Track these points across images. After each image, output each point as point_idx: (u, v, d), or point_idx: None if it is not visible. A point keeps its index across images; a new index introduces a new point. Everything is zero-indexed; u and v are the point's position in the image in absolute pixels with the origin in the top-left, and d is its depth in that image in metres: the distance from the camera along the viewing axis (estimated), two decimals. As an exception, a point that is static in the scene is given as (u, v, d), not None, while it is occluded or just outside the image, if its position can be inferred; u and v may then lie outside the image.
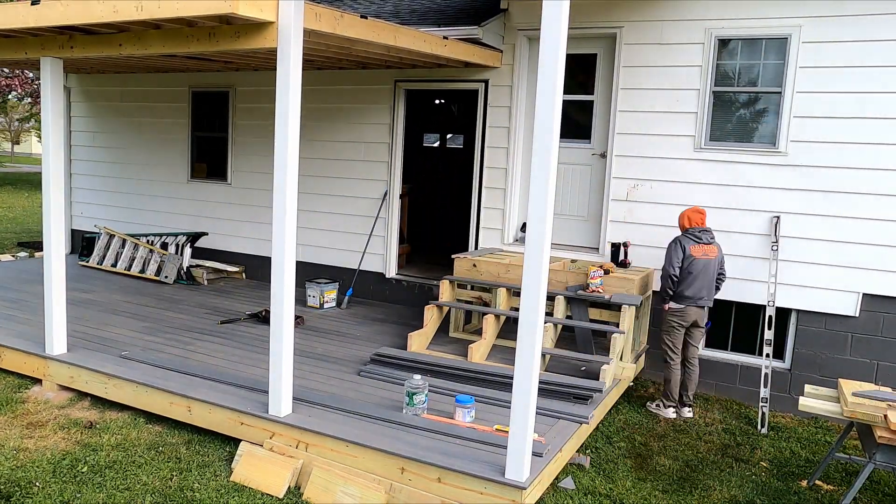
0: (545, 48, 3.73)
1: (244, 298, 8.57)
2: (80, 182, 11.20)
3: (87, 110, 11.01)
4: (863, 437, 4.78)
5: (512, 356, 4.21)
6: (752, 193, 6.61)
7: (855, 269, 6.30)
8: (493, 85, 7.76)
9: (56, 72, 5.68)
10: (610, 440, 5.63)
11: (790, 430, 6.14)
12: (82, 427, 5.28)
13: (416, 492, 4.26)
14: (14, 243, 13.31)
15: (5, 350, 6.20)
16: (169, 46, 5.05)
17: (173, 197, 10.30)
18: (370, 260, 8.73)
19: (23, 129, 42.31)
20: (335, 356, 6.41)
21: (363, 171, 8.70)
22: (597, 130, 7.40)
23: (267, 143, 9.27)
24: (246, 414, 4.93)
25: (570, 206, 7.60)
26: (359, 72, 8.55)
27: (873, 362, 6.34)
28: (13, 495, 4.30)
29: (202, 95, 9.93)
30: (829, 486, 5.06)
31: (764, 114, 6.59)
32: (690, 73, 6.75)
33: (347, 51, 6.47)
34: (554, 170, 3.81)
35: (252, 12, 4.36)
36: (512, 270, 6.70)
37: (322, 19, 5.03)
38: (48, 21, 4.97)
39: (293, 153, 4.61)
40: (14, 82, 23.23)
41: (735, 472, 5.22)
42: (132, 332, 6.81)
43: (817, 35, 6.25)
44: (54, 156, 5.71)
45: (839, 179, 6.29)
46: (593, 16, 7.12)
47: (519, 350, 3.97)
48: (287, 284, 4.72)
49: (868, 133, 6.15)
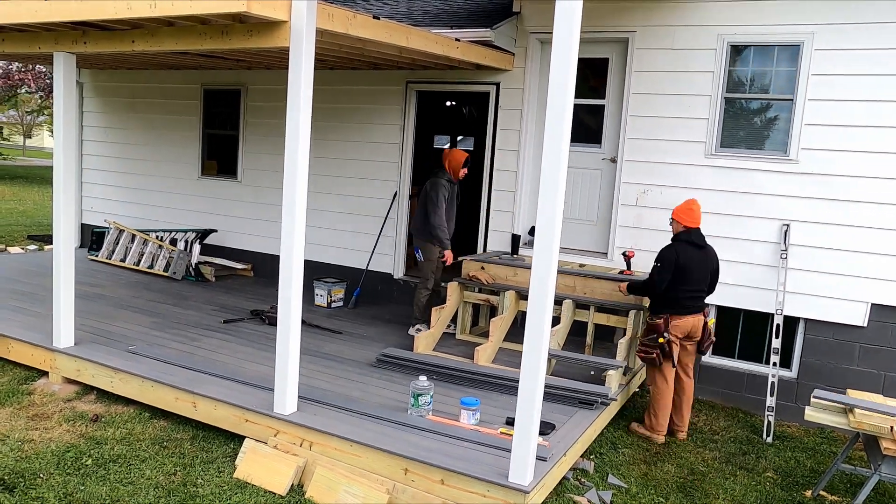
0: (557, 51, 3.72)
1: (252, 296, 8.59)
2: (90, 177, 11.26)
3: (98, 106, 11.06)
4: (868, 448, 4.75)
5: (518, 359, 4.21)
6: (762, 201, 6.58)
7: (864, 279, 6.26)
8: (504, 87, 7.76)
9: (69, 67, 5.71)
10: (615, 446, 5.62)
11: (796, 440, 6.11)
12: (88, 420, 5.30)
13: (418, 493, 4.26)
14: (25, 236, 13.38)
15: (13, 342, 6.23)
16: (182, 44, 5.07)
17: (183, 193, 10.33)
18: (379, 260, 8.74)
19: (35, 122, 42.52)
20: (342, 356, 6.42)
21: (373, 171, 8.71)
22: (607, 135, 7.39)
23: (278, 141, 9.29)
24: (251, 411, 4.94)
25: (580, 211, 7.59)
26: (371, 72, 8.56)
27: (881, 373, 6.30)
28: (17, 486, 4.32)
29: (214, 93, 9.96)
30: (833, 497, 5.03)
31: (775, 121, 6.57)
32: (702, 79, 6.73)
33: (360, 51, 6.48)
34: (564, 173, 3.80)
35: (265, 11, 4.38)
36: (520, 273, 6.69)
37: (335, 19, 5.05)
38: (62, 16, 5.00)
39: (304, 152, 4.62)
40: (28, 76, 23.37)
41: (740, 481, 5.19)
42: (139, 326, 6.84)
43: (830, 43, 6.22)
44: (66, 150, 5.74)
45: (850, 188, 6.25)
46: (606, 20, 7.10)
47: (525, 353, 3.96)
48: (295, 283, 4.73)
49: (880, 142, 6.11)
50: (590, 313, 6.50)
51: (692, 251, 5.68)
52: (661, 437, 5.82)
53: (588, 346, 6.56)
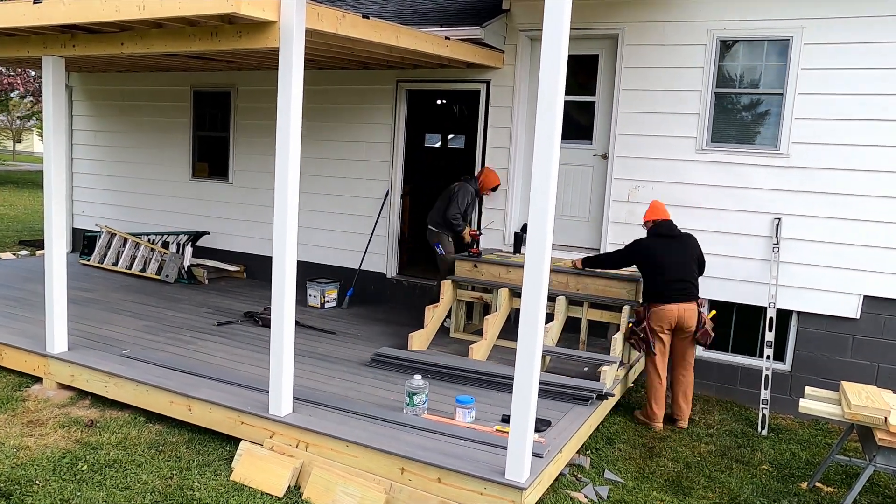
0: (547, 49, 3.73)
1: (245, 298, 8.57)
2: (81, 181, 11.21)
3: (88, 109, 11.01)
4: (863, 439, 4.78)
5: (513, 356, 4.21)
6: (754, 195, 6.60)
7: (856, 272, 6.29)
8: (494, 85, 7.76)
9: (58, 70, 5.68)
10: (610, 441, 5.63)
11: (791, 432, 6.14)
12: (83, 426, 5.28)
13: (415, 492, 4.26)
14: (16, 242, 13.32)
15: (6, 348, 6.20)
16: (171, 45, 5.05)
17: (175, 196, 10.30)
18: (371, 260, 8.73)
19: (24, 127, 42.28)
20: (336, 356, 6.41)
21: (365, 170, 8.70)
22: (598, 131, 7.40)
23: (268, 142, 9.27)
24: (246, 413, 4.93)
25: (572, 207, 7.60)
26: (361, 72, 8.55)
27: (874, 364, 6.33)
28: (13, 493, 4.30)
29: (204, 95, 9.93)
30: (829, 489, 5.06)
31: (766, 115, 6.59)
32: (692, 74, 6.75)
33: (349, 51, 6.47)
34: (555, 170, 3.80)
35: (254, 12, 4.37)
36: (513, 271, 6.70)
37: (324, 19, 5.04)
38: (50, 19, 4.97)
39: (295, 153, 4.61)
40: (16, 81, 23.24)
41: (735, 475, 5.21)
42: (133, 330, 6.81)
43: (819, 37, 6.24)
44: (56, 154, 5.71)
45: (841, 181, 6.28)
46: (595, 16, 7.11)
47: (520, 350, 3.97)
48: (288, 284, 4.72)
49: (870, 135, 6.14)
50: (583, 309, 6.52)
51: (661, 242, 5.93)
52: (658, 424, 5.95)
53: (582, 342, 6.58)
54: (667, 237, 5.97)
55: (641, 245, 6.01)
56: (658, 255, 5.86)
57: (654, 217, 6.06)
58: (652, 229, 6.05)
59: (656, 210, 6.08)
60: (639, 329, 5.92)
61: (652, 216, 6.08)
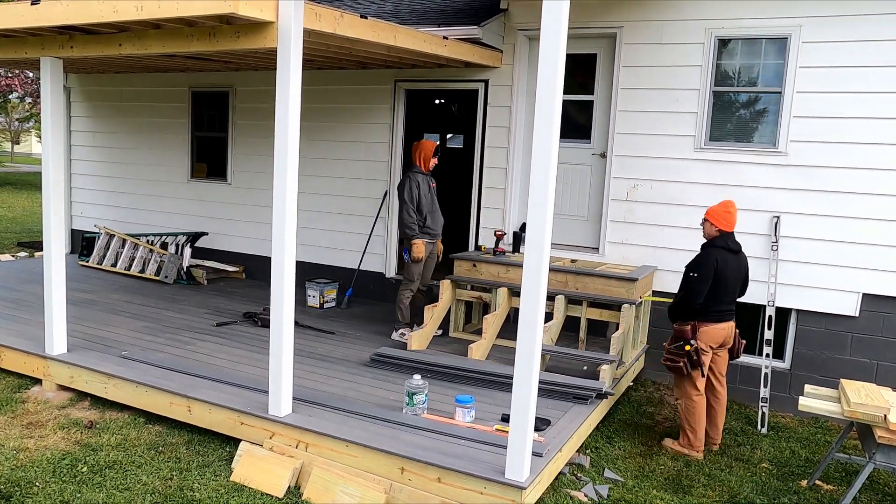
0: (545, 48, 3.73)
1: (244, 298, 8.57)
2: (80, 182, 11.20)
3: (87, 110, 11.01)
4: (863, 437, 4.78)
5: (512, 356, 4.21)
6: (752, 193, 6.61)
7: (855, 269, 6.30)
8: (493, 85, 7.76)
9: (56, 72, 5.67)
10: (610, 440, 5.63)
11: (790, 430, 6.14)
12: (82, 427, 5.28)
13: (415, 492, 4.26)
14: (14, 243, 13.31)
15: (5, 350, 6.19)
16: (169, 46, 5.04)
17: (173, 197, 10.29)
18: (370, 260, 8.73)
19: (23, 129, 42.28)
20: (335, 356, 6.41)
21: (363, 170, 8.70)
22: (597, 130, 7.40)
23: (267, 142, 9.27)
24: (246, 414, 4.93)
25: (570, 206, 7.60)
26: (359, 72, 8.55)
27: (873, 362, 6.34)
28: (13, 495, 4.30)
29: (202, 95, 9.93)
30: (828, 486, 5.06)
31: (764, 114, 6.59)
32: (690, 73, 6.75)
33: (348, 51, 6.46)
34: (554, 170, 3.80)
35: (252, 12, 4.36)
36: (512, 270, 6.70)
37: (322, 19, 5.03)
38: (48, 21, 4.97)
39: (293, 153, 4.61)
40: (14, 82, 23.23)
41: (735, 473, 5.22)
42: (132, 331, 6.81)
43: (817, 35, 6.25)
44: (54, 156, 5.71)
45: (839, 179, 6.29)
46: (593, 15, 7.11)
47: (519, 349, 3.97)
48: (287, 284, 4.72)
49: (868, 133, 6.15)
50: (582, 308, 6.52)
51: (729, 257, 5.29)
52: (700, 454, 5.43)
53: (581, 340, 6.58)
54: (734, 252, 5.33)
55: (716, 260, 5.24)
56: (724, 272, 5.24)
57: (726, 227, 5.31)
58: (719, 239, 5.32)
59: (728, 217, 5.30)
60: (683, 351, 5.25)
61: (725, 225, 5.30)
